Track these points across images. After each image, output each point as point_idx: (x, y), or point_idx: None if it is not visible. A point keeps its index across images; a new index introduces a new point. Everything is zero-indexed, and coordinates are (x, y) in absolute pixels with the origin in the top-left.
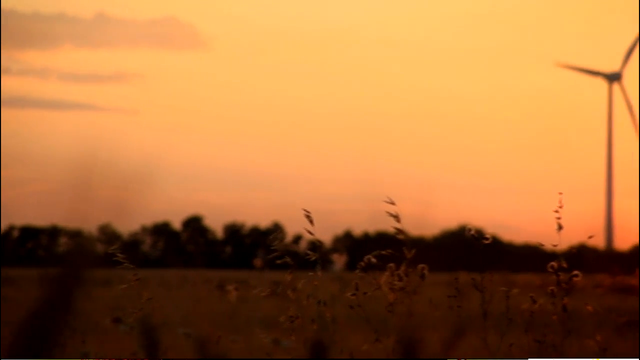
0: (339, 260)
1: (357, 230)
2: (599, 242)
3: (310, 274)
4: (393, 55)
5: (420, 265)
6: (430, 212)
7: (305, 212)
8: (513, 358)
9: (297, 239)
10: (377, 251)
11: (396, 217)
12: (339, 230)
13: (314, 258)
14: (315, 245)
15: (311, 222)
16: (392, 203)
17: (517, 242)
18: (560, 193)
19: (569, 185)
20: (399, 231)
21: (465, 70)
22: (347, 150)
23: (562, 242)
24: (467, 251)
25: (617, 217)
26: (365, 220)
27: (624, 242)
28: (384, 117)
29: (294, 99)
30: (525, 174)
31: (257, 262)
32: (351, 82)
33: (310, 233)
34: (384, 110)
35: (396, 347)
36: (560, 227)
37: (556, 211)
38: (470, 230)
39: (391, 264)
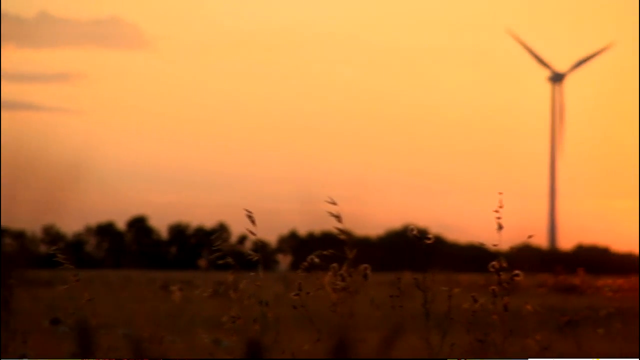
0: (284, 261)
1: (303, 230)
2: (542, 242)
3: (252, 274)
4: (336, 55)
5: (363, 266)
6: (376, 213)
7: (247, 212)
8: (456, 358)
9: (242, 239)
10: (319, 251)
11: (338, 218)
12: (285, 230)
13: (256, 258)
14: (258, 246)
15: (253, 222)
16: (334, 203)
17: (461, 242)
18: (500, 193)
19: (512, 186)
20: (341, 231)
21: (408, 71)
22: (293, 150)
23: (507, 242)
24: (410, 251)
25: (560, 218)
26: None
27: (566, 242)
28: (331, 118)
29: (238, 99)
30: (470, 175)
31: (202, 262)
32: (295, 82)
33: (252, 233)
34: (330, 110)
35: (331, 346)
36: (500, 227)
37: (496, 211)
38: (412, 230)
39: (334, 264)
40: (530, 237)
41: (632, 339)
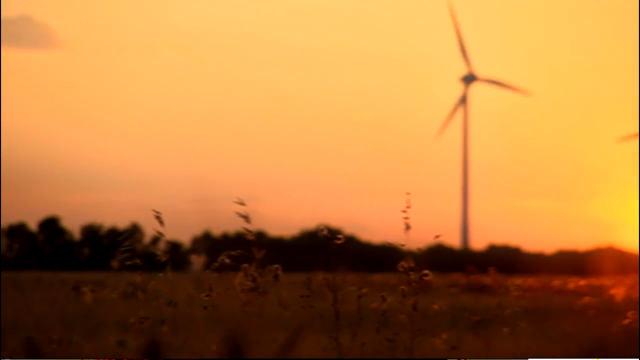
0: (198, 261)
1: (217, 230)
2: (454, 242)
3: (161, 275)
4: (248, 56)
5: (274, 266)
6: (291, 213)
7: (156, 213)
8: (366, 357)
9: (155, 240)
10: (227, 252)
11: (246, 218)
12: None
13: (164, 259)
14: (168, 246)
15: (161, 222)
16: (242, 204)
17: (375, 242)
18: (408, 193)
19: (426, 187)
20: (249, 232)
21: (321, 71)
22: (208, 150)
23: (420, 242)
24: (322, 251)
25: (473, 218)
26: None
27: (479, 242)
28: (246, 118)
29: (151, 98)
30: (384, 175)
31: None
32: (209, 82)
33: (161, 234)
34: (245, 110)
35: (224, 346)
36: (408, 227)
37: (404, 211)
38: (322, 230)
39: (245, 265)
40: (437, 237)
41: (537, 338)
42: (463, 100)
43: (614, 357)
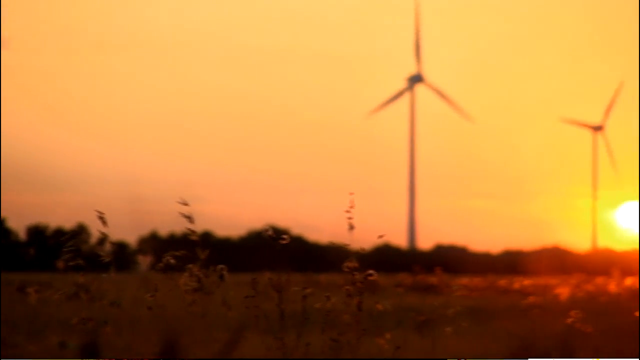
0: (144, 261)
1: (163, 230)
2: (401, 242)
3: (105, 275)
4: (194, 55)
5: (219, 266)
6: (239, 213)
7: (99, 214)
8: (311, 357)
9: (102, 240)
10: (171, 252)
11: (189, 218)
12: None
13: (108, 259)
14: (112, 246)
15: (104, 223)
16: (186, 204)
17: (322, 242)
18: (352, 193)
19: (373, 187)
20: (192, 232)
21: (267, 72)
22: (154, 150)
23: (367, 242)
24: (268, 251)
25: (419, 218)
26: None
27: (425, 242)
28: (192, 118)
29: (97, 98)
30: (332, 175)
31: (60, 263)
32: (154, 82)
33: (104, 234)
34: (191, 110)
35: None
36: (351, 227)
37: (347, 211)
38: (267, 230)
39: (190, 265)
40: (380, 237)
41: (480, 337)
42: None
43: (563, 357)
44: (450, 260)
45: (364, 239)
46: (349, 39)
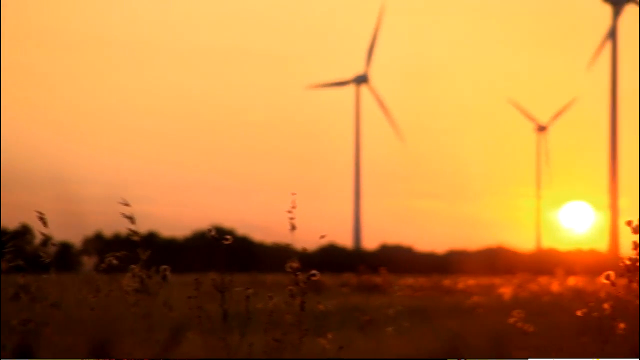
0: (89, 262)
1: (108, 231)
2: (347, 241)
3: (45, 276)
4: (142, 55)
5: (162, 267)
6: (184, 213)
7: (39, 214)
8: (255, 358)
9: (45, 241)
10: (112, 253)
11: (131, 219)
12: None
13: (48, 260)
14: (58, 247)
15: (44, 223)
16: (127, 204)
17: (268, 242)
18: (294, 194)
19: (320, 187)
20: (134, 233)
21: (213, 71)
22: (101, 149)
23: (313, 242)
24: (212, 252)
25: (365, 218)
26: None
27: (371, 241)
28: (137, 117)
29: (44, 96)
30: (278, 175)
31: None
32: (100, 80)
33: (44, 235)
34: (135, 109)
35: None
36: (293, 227)
37: (289, 212)
38: (211, 230)
39: (133, 266)
40: (322, 237)
41: (419, 337)
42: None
43: (510, 357)
44: (396, 260)
45: (310, 239)
46: (297, 39)
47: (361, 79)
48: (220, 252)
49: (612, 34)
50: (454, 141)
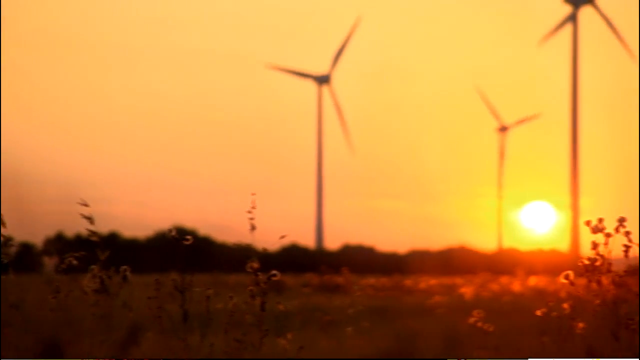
0: (50, 263)
1: (70, 232)
2: (309, 242)
3: (4, 277)
4: (103, 54)
5: (123, 267)
6: (147, 214)
7: None
8: (215, 358)
9: (6, 241)
10: (71, 253)
11: (90, 220)
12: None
13: (7, 260)
14: (18, 248)
15: (3, 224)
16: (86, 205)
17: (230, 243)
18: (253, 194)
19: (282, 187)
20: (93, 233)
21: (175, 71)
22: (60, 149)
23: (275, 242)
24: (172, 252)
25: (327, 218)
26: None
27: (333, 242)
28: (98, 116)
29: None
30: (241, 175)
31: None
32: (60, 80)
33: (3, 235)
34: (96, 108)
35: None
36: (253, 228)
37: (249, 212)
38: (171, 231)
39: (93, 266)
40: (282, 237)
41: (378, 337)
42: (319, 99)
43: (468, 357)
44: (358, 260)
45: (273, 239)
46: (261, 41)
47: (323, 79)
48: (181, 253)
49: (574, 27)
50: (416, 141)
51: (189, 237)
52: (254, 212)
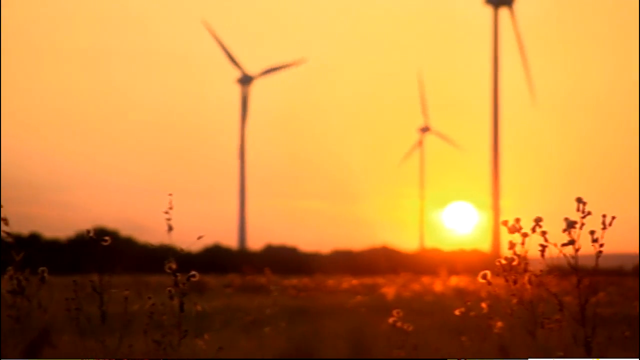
0: None
1: None
2: (232, 242)
3: None
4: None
5: (41, 268)
6: (69, 214)
7: None
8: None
9: None
10: None
11: (5, 220)
12: None
13: None
14: None
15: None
16: None
17: (153, 243)
18: (170, 194)
19: (205, 187)
20: (7, 234)
21: (94, 69)
22: None
23: (199, 242)
24: (93, 253)
25: (250, 218)
26: None
27: (256, 242)
28: (17, 114)
29: None
30: (164, 175)
31: None
32: None
33: None
34: (17, 108)
35: None
36: (170, 228)
37: (166, 212)
38: (89, 232)
39: (9, 268)
40: (199, 237)
41: (296, 337)
42: (244, 103)
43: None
44: (281, 260)
45: (196, 239)
46: (180, 39)
47: (247, 80)
48: (99, 254)
49: (494, 28)
50: (339, 141)
51: (107, 237)
52: (171, 213)
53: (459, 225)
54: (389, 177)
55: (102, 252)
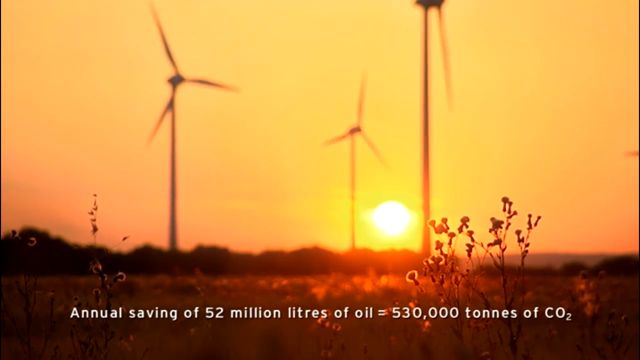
0: None
1: None
2: (163, 243)
3: None
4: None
5: None
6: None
7: None
8: None
9: None
10: None
11: None
12: None
13: None
14: None
15: None
16: None
17: (83, 244)
18: (95, 195)
19: (136, 187)
20: None
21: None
22: None
23: (128, 243)
24: (19, 254)
25: (181, 218)
26: None
27: (187, 242)
28: None
29: None
30: (94, 175)
31: None
32: None
33: None
34: None
35: None
36: (95, 229)
37: (91, 213)
38: (14, 233)
39: None
40: (125, 238)
41: (224, 337)
42: (171, 103)
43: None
44: (212, 261)
45: (127, 240)
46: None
47: (177, 79)
48: (25, 255)
49: (424, 28)
50: (270, 141)
51: (32, 238)
52: (96, 213)
53: (390, 226)
54: (320, 178)
55: (28, 253)
